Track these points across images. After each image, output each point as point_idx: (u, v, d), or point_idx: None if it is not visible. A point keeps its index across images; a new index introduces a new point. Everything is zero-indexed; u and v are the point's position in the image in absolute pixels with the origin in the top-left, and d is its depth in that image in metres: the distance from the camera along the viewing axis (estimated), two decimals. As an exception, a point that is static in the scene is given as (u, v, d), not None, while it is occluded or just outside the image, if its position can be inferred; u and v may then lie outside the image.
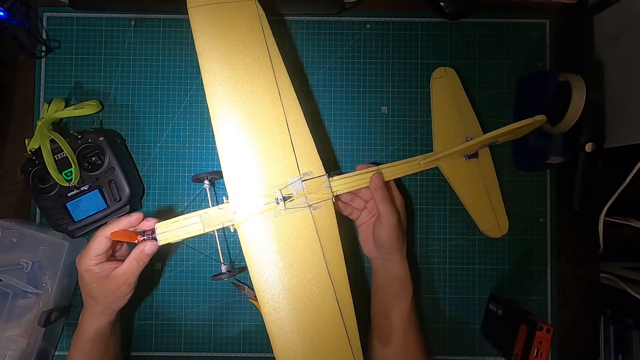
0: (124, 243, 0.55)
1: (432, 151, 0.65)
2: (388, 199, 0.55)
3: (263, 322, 0.49)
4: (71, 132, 0.62)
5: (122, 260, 0.53)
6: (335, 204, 0.55)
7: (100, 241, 0.51)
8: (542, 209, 0.69)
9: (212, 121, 0.51)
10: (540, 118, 0.53)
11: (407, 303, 0.58)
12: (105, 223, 0.56)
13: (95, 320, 0.55)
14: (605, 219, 0.68)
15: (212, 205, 0.54)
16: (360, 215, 0.61)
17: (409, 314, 0.58)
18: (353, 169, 0.57)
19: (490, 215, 0.64)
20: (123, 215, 0.53)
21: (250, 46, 0.53)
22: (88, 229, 0.62)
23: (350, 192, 0.57)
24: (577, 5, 0.68)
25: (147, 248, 0.51)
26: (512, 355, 0.59)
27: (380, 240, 0.57)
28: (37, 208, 0.66)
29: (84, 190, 0.61)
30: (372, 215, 0.60)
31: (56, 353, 0.66)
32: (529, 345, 0.57)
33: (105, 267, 0.52)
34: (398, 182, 0.67)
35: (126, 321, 0.66)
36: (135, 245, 0.52)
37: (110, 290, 0.53)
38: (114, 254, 0.56)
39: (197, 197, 0.67)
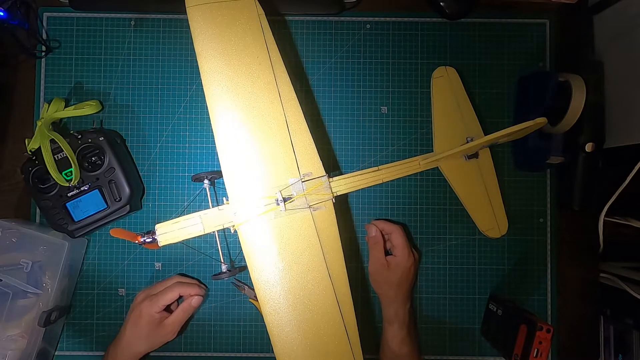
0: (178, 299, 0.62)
1: (432, 151, 0.65)
2: (376, 248, 0.62)
3: (263, 322, 0.50)
4: (71, 132, 0.62)
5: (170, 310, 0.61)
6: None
7: (174, 294, 0.59)
8: (542, 209, 0.69)
9: (212, 121, 0.51)
10: (541, 120, 0.53)
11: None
12: (174, 275, 0.66)
13: (132, 356, 0.60)
14: (605, 219, 0.68)
15: (212, 205, 0.54)
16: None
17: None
18: (353, 169, 0.57)
19: (490, 216, 0.64)
20: (193, 284, 0.63)
21: (250, 46, 0.53)
22: (88, 229, 0.62)
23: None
24: (577, 5, 0.68)
25: (193, 302, 0.60)
26: (512, 355, 0.59)
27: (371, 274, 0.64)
28: (37, 208, 0.66)
29: (84, 190, 0.61)
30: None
31: (56, 353, 0.66)
32: (529, 345, 0.57)
33: (162, 315, 0.60)
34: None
35: (126, 321, 0.66)
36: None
37: (158, 335, 0.60)
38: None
39: (197, 197, 0.67)
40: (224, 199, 0.53)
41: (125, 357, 0.60)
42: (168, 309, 0.62)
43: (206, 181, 0.60)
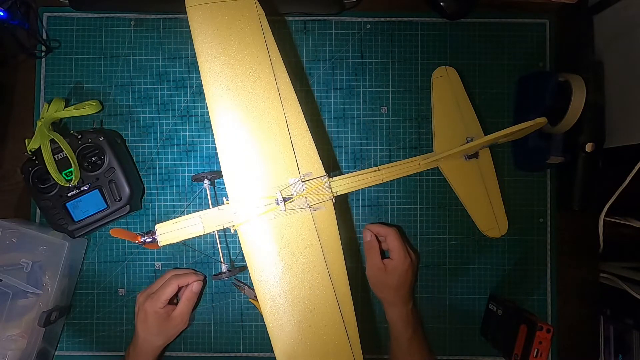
0: (180, 290, 0.62)
1: (432, 151, 0.65)
2: (372, 252, 0.63)
3: (263, 322, 0.50)
4: (71, 132, 0.62)
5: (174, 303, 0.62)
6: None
7: (174, 288, 0.60)
8: (542, 209, 0.69)
9: (212, 121, 0.51)
10: (541, 120, 0.53)
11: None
12: (169, 269, 0.66)
13: (151, 354, 0.61)
14: (605, 219, 0.68)
15: (212, 205, 0.54)
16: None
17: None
18: (353, 169, 0.57)
19: (490, 216, 0.64)
20: (188, 273, 0.63)
21: (250, 46, 0.53)
22: (88, 229, 0.62)
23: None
24: (577, 5, 0.68)
25: (194, 288, 0.61)
26: (512, 355, 0.59)
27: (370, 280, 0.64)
28: (37, 208, 0.66)
29: (84, 190, 0.61)
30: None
31: (56, 353, 0.66)
32: (529, 345, 0.57)
33: (168, 309, 0.60)
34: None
35: (127, 321, 0.66)
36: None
37: (170, 328, 0.61)
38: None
39: (197, 197, 0.67)
40: (224, 199, 0.53)
41: (145, 352, 0.61)
42: (172, 302, 0.62)
43: (206, 181, 0.60)
